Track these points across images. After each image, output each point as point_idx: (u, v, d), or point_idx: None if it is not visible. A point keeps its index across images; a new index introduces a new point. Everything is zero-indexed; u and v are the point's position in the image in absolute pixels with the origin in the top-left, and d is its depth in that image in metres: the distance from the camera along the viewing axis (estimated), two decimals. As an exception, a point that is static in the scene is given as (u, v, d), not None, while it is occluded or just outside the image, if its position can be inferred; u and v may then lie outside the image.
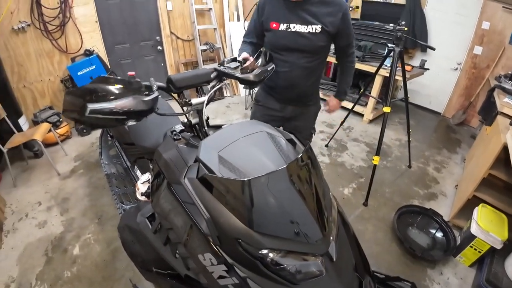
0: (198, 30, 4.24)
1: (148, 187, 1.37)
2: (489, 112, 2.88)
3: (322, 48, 1.53)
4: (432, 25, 4.02)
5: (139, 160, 1.91)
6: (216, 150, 0.94)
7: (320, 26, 1.43)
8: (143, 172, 1.79)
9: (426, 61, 3.68)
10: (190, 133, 1.24)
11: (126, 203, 1.88)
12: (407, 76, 2.93)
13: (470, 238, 1.85)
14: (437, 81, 4.23)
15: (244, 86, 1.39)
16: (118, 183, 2.09)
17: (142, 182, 1.43)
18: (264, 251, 0.80)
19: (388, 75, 2.50)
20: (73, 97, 0.89)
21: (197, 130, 1.22)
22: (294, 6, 1.43)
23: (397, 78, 2.93)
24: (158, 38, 4.12)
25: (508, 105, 2.54)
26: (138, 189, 1.42)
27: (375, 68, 2.87)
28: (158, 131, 1.53)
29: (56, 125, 3.17)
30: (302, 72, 1.57)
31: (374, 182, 2.42)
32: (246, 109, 4.31)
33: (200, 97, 1.20)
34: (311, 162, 0.96)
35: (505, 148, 1.81)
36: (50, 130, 2.86)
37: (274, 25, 1.48)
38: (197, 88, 1.22)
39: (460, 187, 2.60)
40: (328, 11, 1.42)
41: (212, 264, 0.87)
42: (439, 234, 2.15)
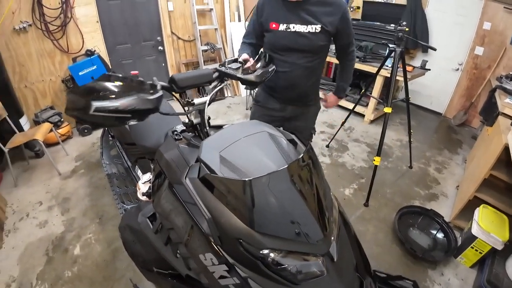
0: (199, 30, 4.25)
1: (149, 187, 1.37)
2: (490, 112, 2.88)
3: (322, 47, 1.53)
4: (433, 25, 4.01)
5: (140, 160, 1.91)
6: (217, 150, 0.94)
7: (319, 26, 1.43)
8: (144, 172, 1.79)
9: (427, 61, 3.68)
10: (191, 133, 1.25)
11: (127, 203, 1.88)
12: (408, 76, 2.93)
13: (471, 239, 1.85)
14: (438, 81, 4.23)
15: (245, 86, 1.39)
16: (119, 183, 2.10)
17: (143, 182, 1.43)
18: (265, 251, 0.80)
19: (389, 76, 2.49)
20: (77, 94, 0.88)
21: (198, 130, 1.22)
22: (293, 6, 1.43)
23: (398, 78, 2.91)
24: (159, 38, 4.12)
25: (509, 105, 2.54)
26: (139, 189, 1.42)
27: (376, 68, 2.87)
28: (159, 131, 1.54)
29: (57, 125, 3.18)
30: (302, 72, 1.56)
31: (375, 182, 2.42)
32: (247, 109, 4.31)
33: (201, 97, 1.20)
34: (312, 162, 0.96)
35: (506, 148, 1.80)
36: (51, 130, 2.86)
37: (274, 25, 1.48)
38: (198, 88, 1.22)
39: (461, 188, 2.59)
40: (327, 11, 1.42)
41: (213, 264, 0.87)
42: (440, 235, 2.15)
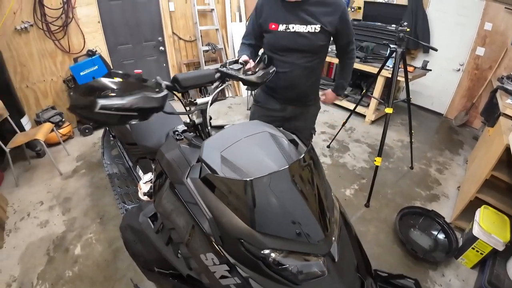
0: (200, 30, 4.25)
1: (150, 187, 1.38)
2: (491, 113, 2.87)
3: (322, 47, 1.53)
4: (434, 26, 4.01)
5: (141, 160, 1.91)
6: (218, 150, 0.94)
7: (319, 26, 1.43)
8: (145, 172, 1.79)
9: (428, 62, 3.67)
10: (192, 133, 1.25)
11: (128, 203, 1.88)
12: (409, 77, 2.93)
13: (472, 239, 1.84)
14: (439, 82, 4.22)
15: (246, 87, 1.39)
16: (120, 183, 2.10)
17: (145, 182, 1.43)
18: (266, 251, 0.80)
19: (390, 76, 2.49)
20: (82, 92, 0.86)
21: (199, 130, 1.23)
22: (292, 6, 1.43)
23: (399, 79, 2.91)
24: (160, 38, 4.13)
25: (510, 106, 2.54)
26: (141, 189, 1.42)
27: (377, 69, 2.86)
28: (160, 131, 1.54)
29: (58, 125, 3.19)
30: (302, 72, 1.57)
31: (376, 183, 2.42)
32: (247, 109, 4.31)
33: (203, 97, 1.20)
34: (313, 162, 0.96)
35: (507, 149, 1.80)
36: (52, 130, 2.87)
37: (273, 26, 1.48)
38: (200, 88, 1.23)
39: (462, 189, 2.59)
40: (326, 11, 1.42)
41: (214, 264, 0.87)
42: (441, 236, 2.14)
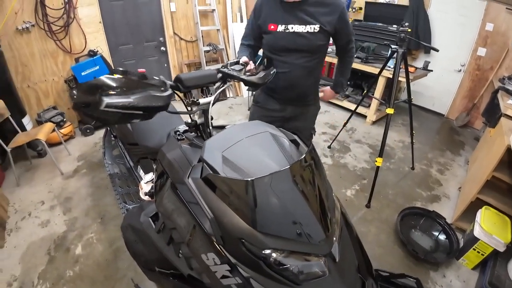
0: (201, 31, 4.26)
1: (151, 187, 1.38)
2: (492, 114, 2.87)
3: (321, 47, 1.54)
4: (435, 26, 4.00)
5: (142, 160, 1.92)
6: (220, 150, 0.95)
7: (318, 26, 1.43)
8: (146, 172, 1.79)
9: (429, 62, 3.67)
10: (194, 133, 1.25)
11: (129, 203, 1.89)
12: (411, 77, 2.92)
13: (473, 240, 1.84)
14: (440, 82, 4.22)
15: (248, 88, 1.39)
16: (121, 183, 2.10)
17: (146, 182, 1.44)
18: (267, 251, 0.81)
19: (391, 77, 2.49)
20: (86, 90, 0.84)
21: (201, 130, 1.23)
22: (291, 7, 1.43)
23: (400, 79, 2.92)
24: (161, 39, 4.14)
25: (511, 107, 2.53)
26: (142, 188, 1.43)
27: (378, 69, 2.86)
28: (162, 131, 1.54)
29: (59, 125, 3.19)
30: (301, 72, 1.57)
31: (377, 183, 2.41)
32: (248, 110, 4.31)
33: (205, 97, 1.20)
34: (315, 162, 0.96)
35: (508, 150, 1.80)
36: (53, 130, 2.87)
37: (272, 26, 1.49)
38: (202, 88, 1.23)
39: (463, 190, 2.58)
40: (325, 11, 1.43)
41: (215, 264, 0.87)
42: (442, 237, 2.14)
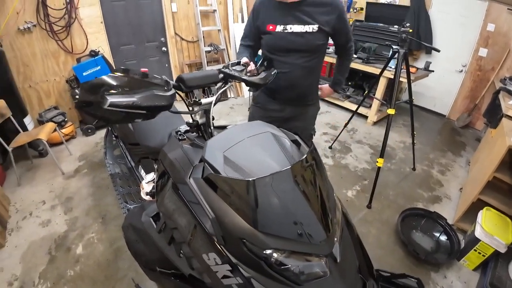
0: (202, 31, 4.26)
1: (152, 187, 1.38)
2: (494, 114, 2.87)
3: (320, 47, 1.54)
4: (436, 26, 4.00)
5: (144, 160, 1.92)
6: (221, 150, 0.95)
7: (317, 26, 1.44)
8: (147, 172, 1.79)
9: (430, 63, 3.66)
10: (195, 133, 1.25)
11: (130, 203, 1.89)
12: (412, 78, 2.92)
13: (474, 241, 1.84)
14: (442, 83, 4.21)
15: (249, 88, 1.40)
16: (122, 183, 2.11)
17: (147, 182, 1.44)
18: (268, 251, 0.81)
19: (392, 77, 2.49)
20: (89, 89, 0.84)
21: (202, 130, 1.23)
22: (289, 7, 1.44)
23: (401, 80, 2.92)
24: (162, 39, 4.14)
25: (513, 107, 2.53)
26: (143, 188, 1.43)
27: (380, 70, 2.86)
28: (163, 131, 1.54)
29: (61, 125, 3.20)
30: (301, 72, 1.57)
31: (378, 184, 2.41)
32: (249, 110, 4.31)
33: (207, 97, 1.21)
34: (316, 163, 0.96)
35: (510, 151, 1.80)
36: (55, 130, 2.88)
37: (271, 27, 1.49)
38: (203, 89, 1.23)
39: (464, 190, 2.58)
40: (323, 11, 1.43)
41: (216, 263, 0.87)
42: (443, 237, 2.14)
